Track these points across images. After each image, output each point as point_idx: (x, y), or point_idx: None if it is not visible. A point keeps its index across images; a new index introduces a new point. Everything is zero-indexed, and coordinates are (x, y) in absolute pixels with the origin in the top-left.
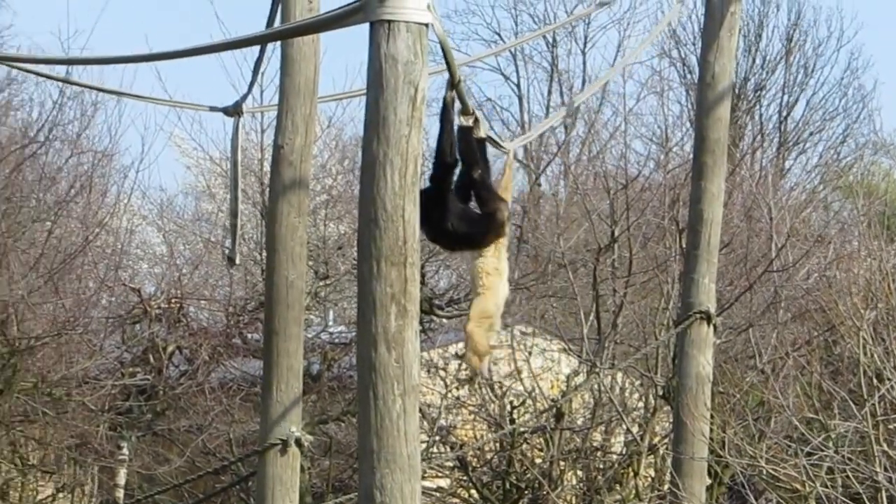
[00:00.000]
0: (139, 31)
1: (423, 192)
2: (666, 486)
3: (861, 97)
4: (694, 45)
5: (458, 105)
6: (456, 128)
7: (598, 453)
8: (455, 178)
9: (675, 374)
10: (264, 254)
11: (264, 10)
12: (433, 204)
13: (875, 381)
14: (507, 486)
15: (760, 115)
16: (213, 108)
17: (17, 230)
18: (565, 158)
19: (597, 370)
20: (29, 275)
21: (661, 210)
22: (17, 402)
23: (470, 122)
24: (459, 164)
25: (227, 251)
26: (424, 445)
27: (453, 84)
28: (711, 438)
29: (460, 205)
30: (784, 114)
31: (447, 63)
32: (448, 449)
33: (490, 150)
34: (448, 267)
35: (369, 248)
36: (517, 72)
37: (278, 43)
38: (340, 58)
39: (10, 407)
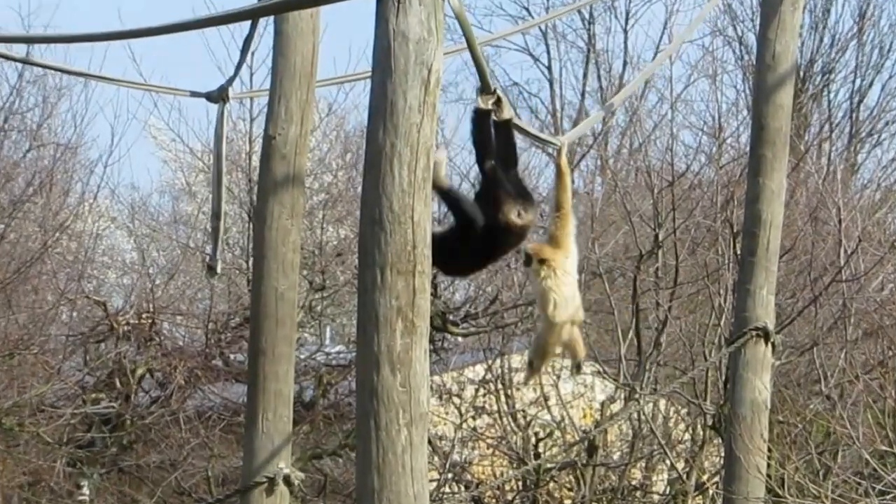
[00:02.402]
0: (111, 6)
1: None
2: None
3: None
4: (752, 21)
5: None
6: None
7: (638, 493)
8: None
9: (728, 400)
10: (251, 262)
11: None
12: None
13: None
14: None
15: (828, 102)
16: (194, 94)
17: None
18: (602, 151)
19: (636, 396)
20: None
21: (713, 211)
22: None
23: (489, 105)
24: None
25: (207, 258)
26: (434, 484)
27: (480, 73)
28: (769, 475)
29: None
30: (856, 100)
31: (468, 43)
32: (462, 488)
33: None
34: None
35: (373, 255)
36: (548, 52)
37: (271, 18)
38: (342, 35)
39: None
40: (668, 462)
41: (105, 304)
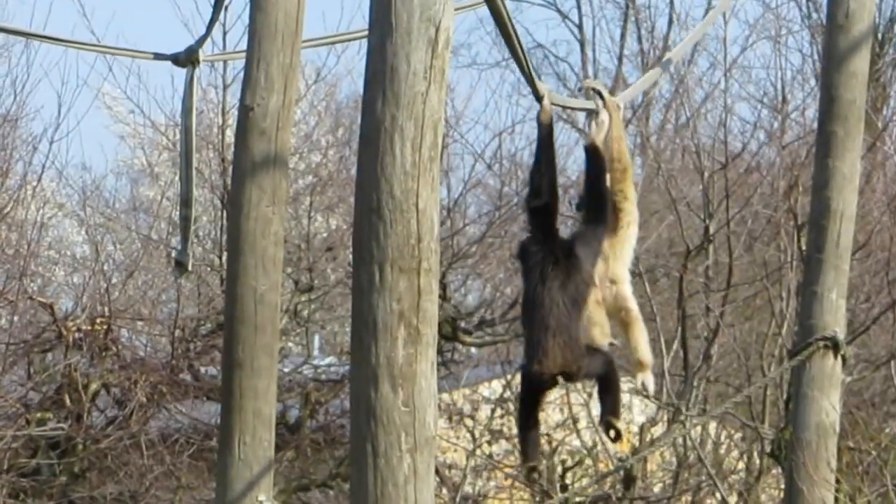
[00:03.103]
0: None
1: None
2: None
3: None
4: None
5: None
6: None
7: None
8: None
9: (789, 423)
10: (225, 257)
11: None
12: None
13: None
14: None
15: None
16: (158, 56)
17: None
18: (643, 127)
19: (682, 418)
20: None
21: (774, 199)
22: None
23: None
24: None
25: (174, 253)
26: None
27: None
28: None
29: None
30: None
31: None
32: None
33: None
34: (479, 276)
35: (370, 249)
36: (579, 8)
37: None
38: None
39: None
40: (718, 496)
41: (52, 306)
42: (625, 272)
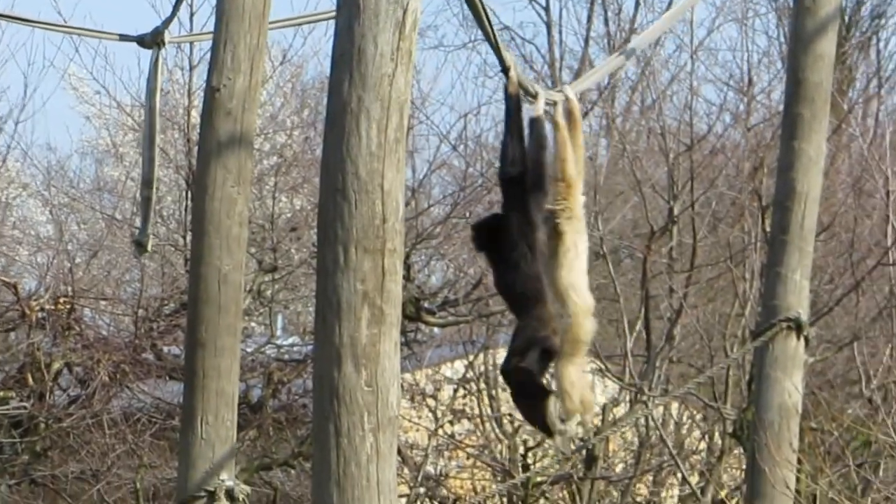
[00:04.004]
0: None
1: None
2: None
3: None
4: None
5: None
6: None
7: None
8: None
9: (752, 404)
10: (189, 237)
11: None
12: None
13: None
14: None
15: (878, 53)
16: (123, 37)
17: None
18: (608, 109)
19: (644, 398)
20: None
21: (738, 180)
22: None
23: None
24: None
25: (137, 233)
26: (405, 500)
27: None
28: (798, 491)
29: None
30: None
31: None
32: None
33: None
34: (443, 257)
35: (334, 230)
36: None
37: None
38: None
39: None
40: (679, 476)
41: (15, 286)
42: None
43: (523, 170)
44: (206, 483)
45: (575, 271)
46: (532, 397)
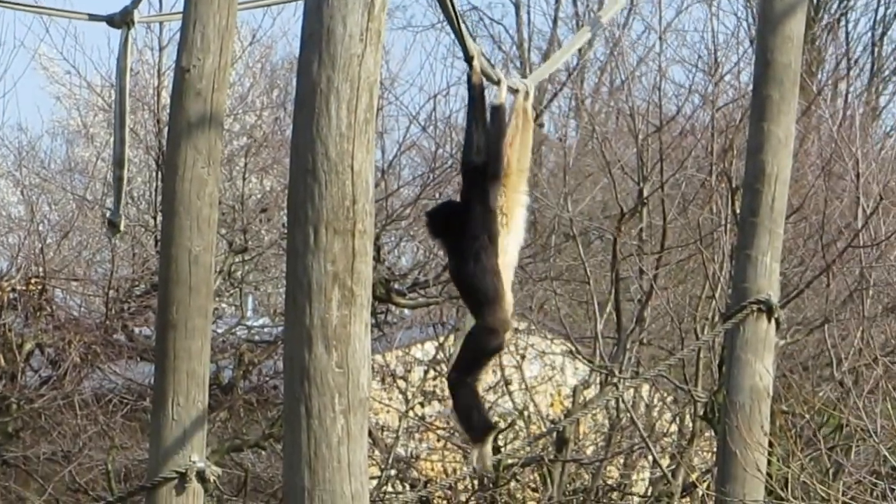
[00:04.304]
0: None
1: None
2: None
3: None
4: None
5: None
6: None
7: (615, 495)
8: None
9: (722, 386)
10: (159, 218)
11: None
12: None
13: None
14: None
15: (846, 34)
16: (93, 17)
17: None
18: (578, 90)
19: (614, 381)
20: None
21: (708, 162)
22: None
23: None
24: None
25: (108, 214)
26: (375, 482)
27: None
28: (769, 475)
29: None
30: (878, 32)
31: None
32: (408, 487)
33: None
34: (413, 238)
35: (305, 211)
36: None
37: None
38: None
39: None
40: (650, 458)
41: None
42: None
43: (486, 159)
44: (177, 464)
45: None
46: (468, 421)
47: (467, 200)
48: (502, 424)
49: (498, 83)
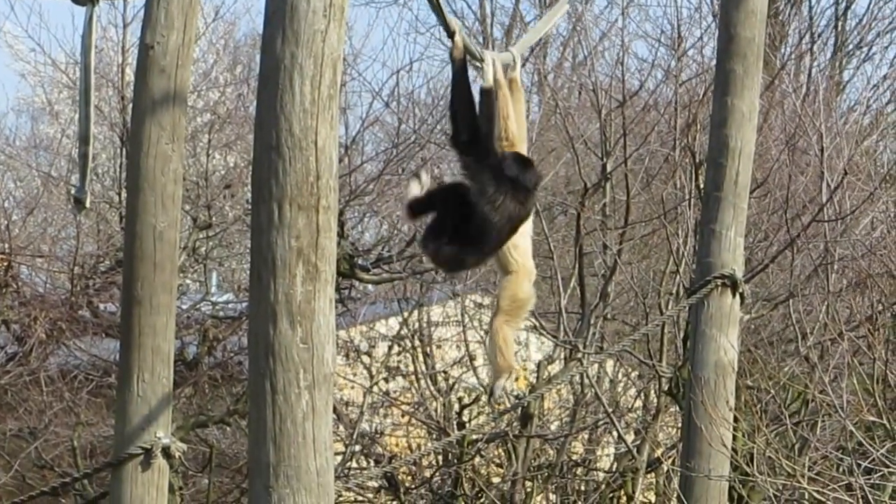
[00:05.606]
0: None
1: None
2: None
3: None
4: None
5: None
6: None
7: (580, 470)
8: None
9: (687, 361)
10: (124, 194)
11: None
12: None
13: None
14: None
15: (810, 8)
16: None
17: None
18: (540, 65)
19: (579, 356)
20: None
21: (671, 137)
22: None
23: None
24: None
25: (73, 190)
26: (340, 458)
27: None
28: (734, 450)
29: None
30: (842, 6)
31: None
32: (372, 463)
33: None
34: (376, 214)
35: (269, 187)
36: None
37: None
38: None
39: None
40: (615, 434)
41: None
42: None
43: (475, 135)
44: (143, 440)
45: (518, 233)
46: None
47: (468, 172)
48: (467, 400)
49: (482, 61)
